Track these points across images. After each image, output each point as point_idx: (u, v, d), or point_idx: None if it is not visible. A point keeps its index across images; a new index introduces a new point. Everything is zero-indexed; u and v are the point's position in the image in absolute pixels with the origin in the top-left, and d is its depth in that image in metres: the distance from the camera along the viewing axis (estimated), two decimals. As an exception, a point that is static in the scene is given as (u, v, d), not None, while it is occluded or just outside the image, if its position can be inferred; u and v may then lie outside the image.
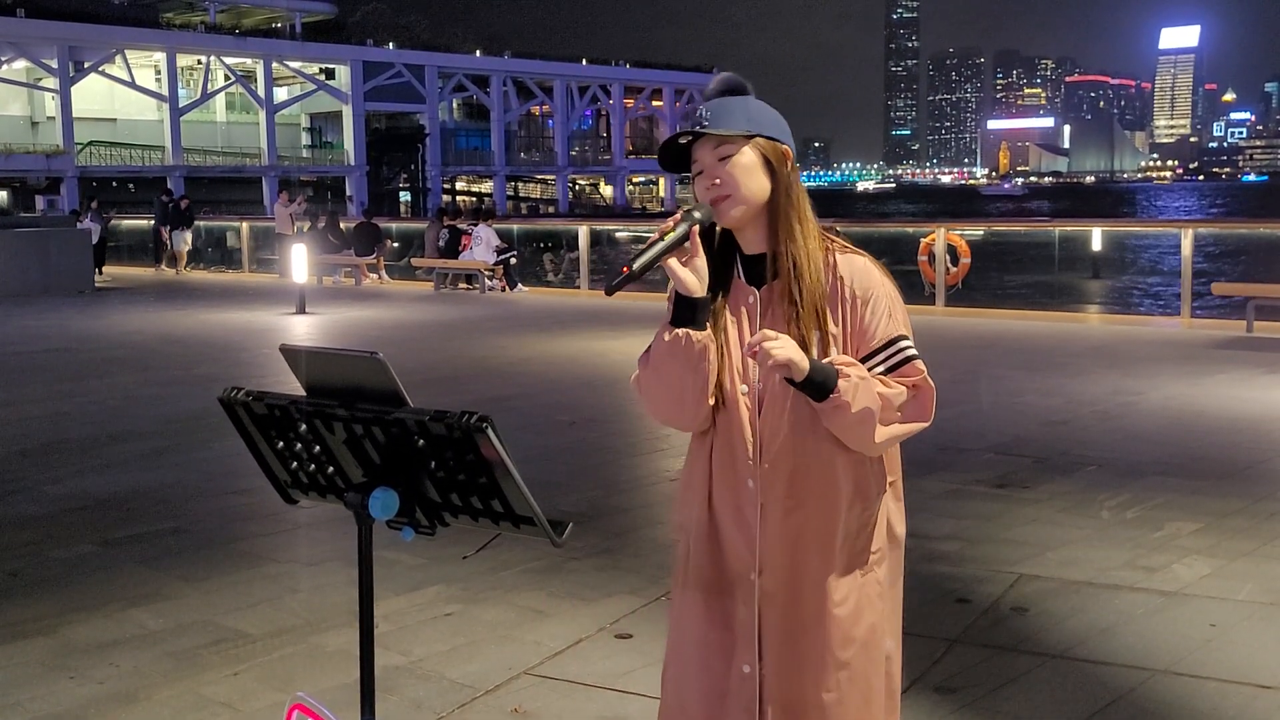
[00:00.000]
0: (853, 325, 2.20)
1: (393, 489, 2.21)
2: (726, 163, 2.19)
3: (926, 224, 20.56)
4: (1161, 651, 4.16)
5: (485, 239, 20.28)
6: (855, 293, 2.20)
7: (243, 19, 70.61)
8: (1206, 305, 16.74)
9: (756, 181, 2.20)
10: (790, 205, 2.22)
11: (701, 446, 2.30)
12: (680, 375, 2.20)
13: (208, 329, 14.89)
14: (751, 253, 2.26)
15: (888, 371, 2.18)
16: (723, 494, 2.27)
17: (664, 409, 2.27)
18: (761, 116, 2.24)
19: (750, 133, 2.20)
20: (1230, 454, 7.19)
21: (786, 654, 2.23)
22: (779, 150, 2.24)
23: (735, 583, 2.26)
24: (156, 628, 4.55)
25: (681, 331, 2.18)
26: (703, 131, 2.20)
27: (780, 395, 2.21)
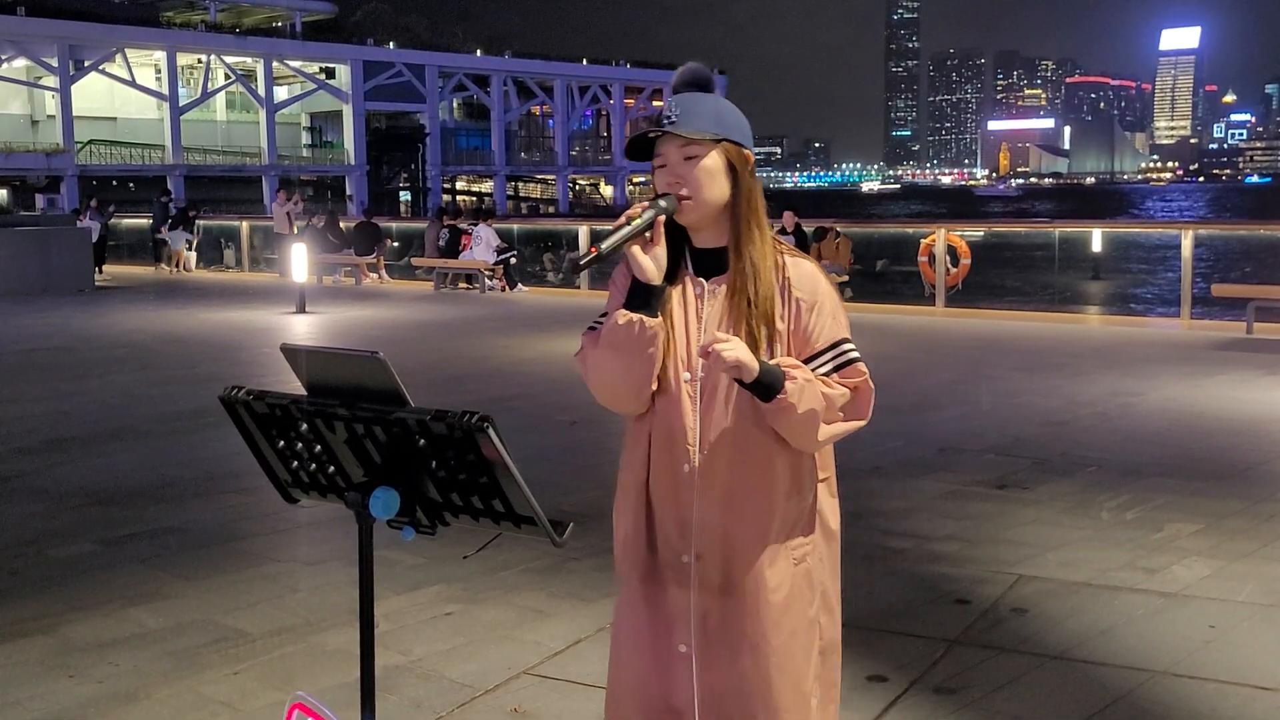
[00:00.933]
0: (796, 326, 2.28)
1: (393, 488, 2.21)
2: (692, 163, 2.26)
3: (926, 225, 20.56)
4: (1161, 653, 4.16)
5: (485, 239, 20.28)
6: (801, 296, 2.28)
7: (243, 18, 70.59)
8: (1206, 306, 16.73)
9: (719, 185, 2.27)
10: (750, 210, 2.29)
11: (640, 430, 2.36)
12: (629, 358, 2.26)
13: (208, 328, 14.89)
14: (701, 247, 2.33)
15: (832, 372, 2.27)
16: (660, 478, 2.33)
17: (608, 390, 2.33)
18: (729, 119, 2.29)
19: (718, 136, 2.26)
20: (1230, 455, 7.19)
21: (719, 638, 2.30)
22: (743, 155, 2.31)
23: (670, 566, 2.33)
24: (156, 627, 4.55)
25: (636, 316, 2.24)
26: (673, 132, 2.25)
27: (722, 387, 2.28)
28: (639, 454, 2.36)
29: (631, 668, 2.37)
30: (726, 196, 2.28)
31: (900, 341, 12.87)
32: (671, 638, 2.32)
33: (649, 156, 2.31)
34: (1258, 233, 20.79)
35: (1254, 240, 21.96)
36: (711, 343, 2.14)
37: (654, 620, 2.34)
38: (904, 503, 6.18)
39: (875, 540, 5.56)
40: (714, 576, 2.29)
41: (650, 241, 2.24)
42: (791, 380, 2.18)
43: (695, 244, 2.33)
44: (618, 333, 2.25)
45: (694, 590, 2.30)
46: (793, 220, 17.25)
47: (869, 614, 4.58)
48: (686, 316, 2.31)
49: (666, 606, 2.33)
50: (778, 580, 2.29)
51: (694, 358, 2.29)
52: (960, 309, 16.42)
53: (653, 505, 2.34)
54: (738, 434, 2.27)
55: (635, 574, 2.37)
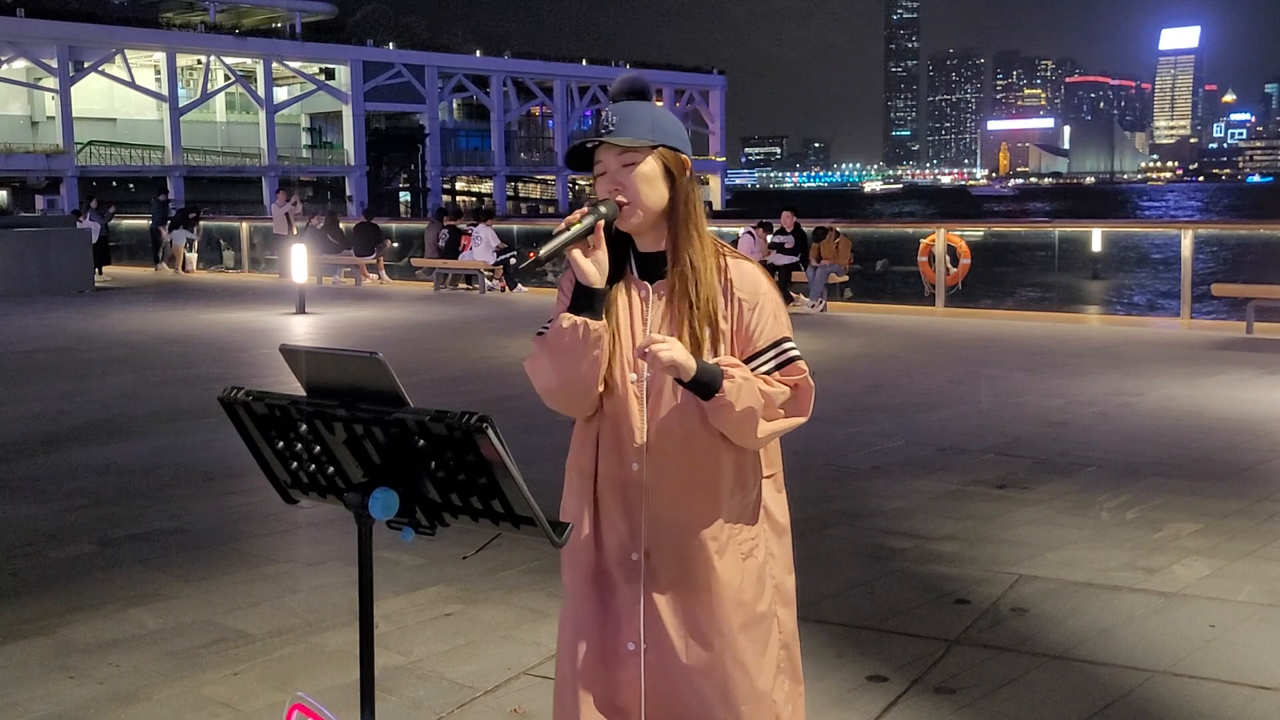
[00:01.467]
0: (739, 326, 2.32)
1: (393, 489, 2.21)
2: (630, 169, 2.30)
3: (926, 225, 20.56)
4: (1161, 652, 4.16)
5: (485, 239, 20.29)
6: (743, 297, 2.33)
7: (243, 19, 70.60)
8: (1206, 306, 16.74)
9: (658, 191, 2.31)
10: (689, 213, 2.34)
11: (588, 432, 2.41)
12: (575, 361, 2.30)
13: (207, 329, 14.89)
14: (645, 250, 2.38)
15: (774, 370, 2.31)
16: (608, 477, 2.37)
17: (555, 393, 2.36)
18: (665, 126, 2.34)
19: (654, 143, 2.31)
20: (1230, 455, 7.19)
21: (669, 634, 2.33)
22: (680, 160, 2.35)
23: (619, 564, 2.36)
24: (156, 627, 4.55)
25: (580, 319, 2.27)
26: (610, 141, 2.30)
27: (667, 387, 2.32)
28: (586, 455, 2.40)
29: (577, 667, 2.39)
30: (665, 201, 2.32)
31: (900, 341, 12.87)
32: (619, 636, 2.35)
33: (590, 165, 2.36)
34: (1258, 232, 20.78)
35: (1254, 240, 21.93)
36: (648, 344, 2.18)
37: (602, 619, 2.38)
38: (904, 503, 6.18)
39: (875, 540, 5.56)
40: (663, 573, 2.33)
41: (591, 246, 2.28)
42: (729, 379, 2.22)
43: (639, 248, 2.38)
44: (562, 336, 2.29)
45: (643, 587, 2.33)
46: (791, 220, 17.26)
47: (869, 614, 4.58)
48: (632, 319, 2.36)
49: (615, 605, 2.36)
50: (727, 575, 2.33)
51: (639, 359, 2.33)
52: (960, 309, 16.43)
53: (600, 505, 2.39)
54: (683, 432, 2.31)
55: (582, 574, 2.40)
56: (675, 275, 2.32)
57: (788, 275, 16.82)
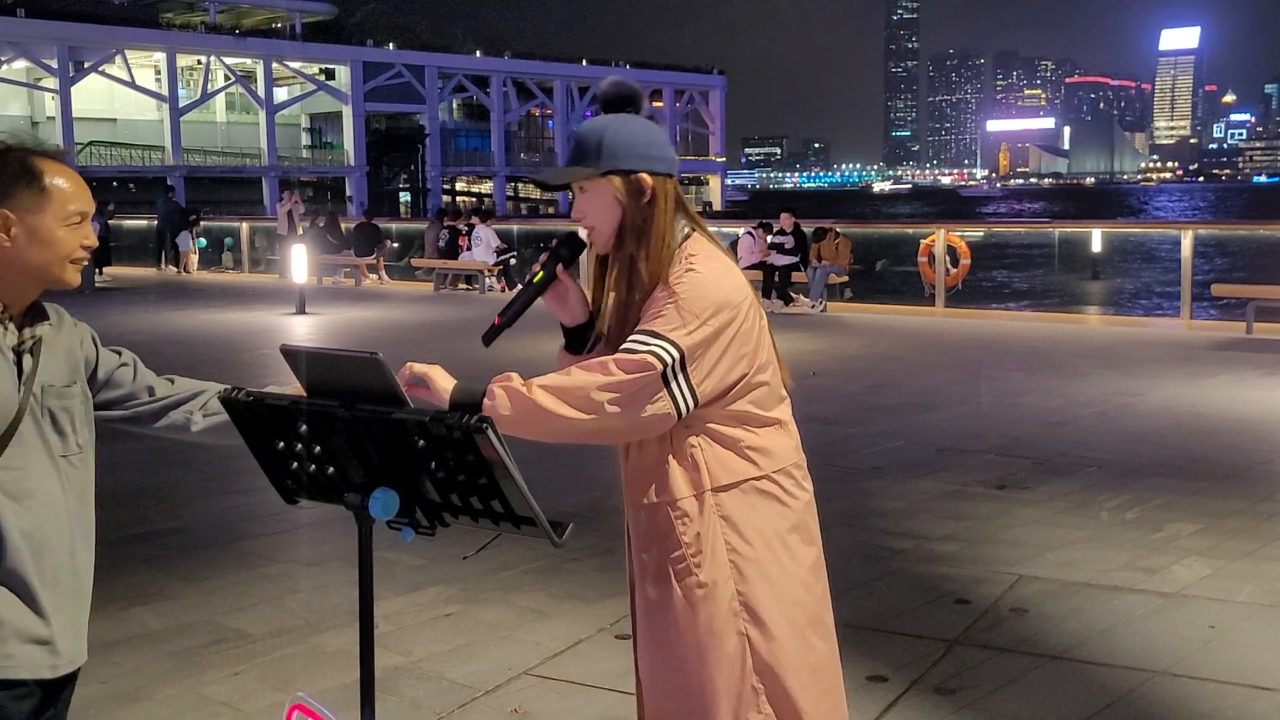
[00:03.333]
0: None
1: (393, 489, 2.21)
2: (585, 197, 2.33)
3: (926, 225, 20.57)
4: (1161, 653, 4.16)
5: (485, 239, 20.29)
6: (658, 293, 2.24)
7: (243, 19, 70.61)
8: (1206, 306, 16.74)
9: (609, 216, 2.32)
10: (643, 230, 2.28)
11: None
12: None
13: (208, 329, 14.89)
14: None
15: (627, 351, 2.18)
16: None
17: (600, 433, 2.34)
18: (615, 147, 2.28)
19: (599, 170, 2.29)
20: (1230, 455, 7.19)
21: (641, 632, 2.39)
22: (630, 183, 2.29)
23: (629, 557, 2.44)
24: (157, 627, 4.55)
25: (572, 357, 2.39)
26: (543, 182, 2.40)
27: None
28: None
29: None
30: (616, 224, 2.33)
31: (900, 341, 12.87)
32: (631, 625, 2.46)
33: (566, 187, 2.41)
34: (1258, 232, 20.79)
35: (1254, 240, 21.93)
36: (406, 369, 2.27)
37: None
38: (904, 503, 6.18)
39: (875, 540, 5.56)
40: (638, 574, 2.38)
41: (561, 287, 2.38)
42: (489, 396, 2.20)
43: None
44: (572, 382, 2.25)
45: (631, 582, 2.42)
46: (790, 221, 17.25)
47: (869, 614, 4.58)
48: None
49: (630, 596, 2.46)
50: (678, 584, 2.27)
51: None
52: (960, 309, 16.43)
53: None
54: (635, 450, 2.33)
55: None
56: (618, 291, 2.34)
57: (788, 275, 16.82)
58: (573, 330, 2.42)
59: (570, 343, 2.42)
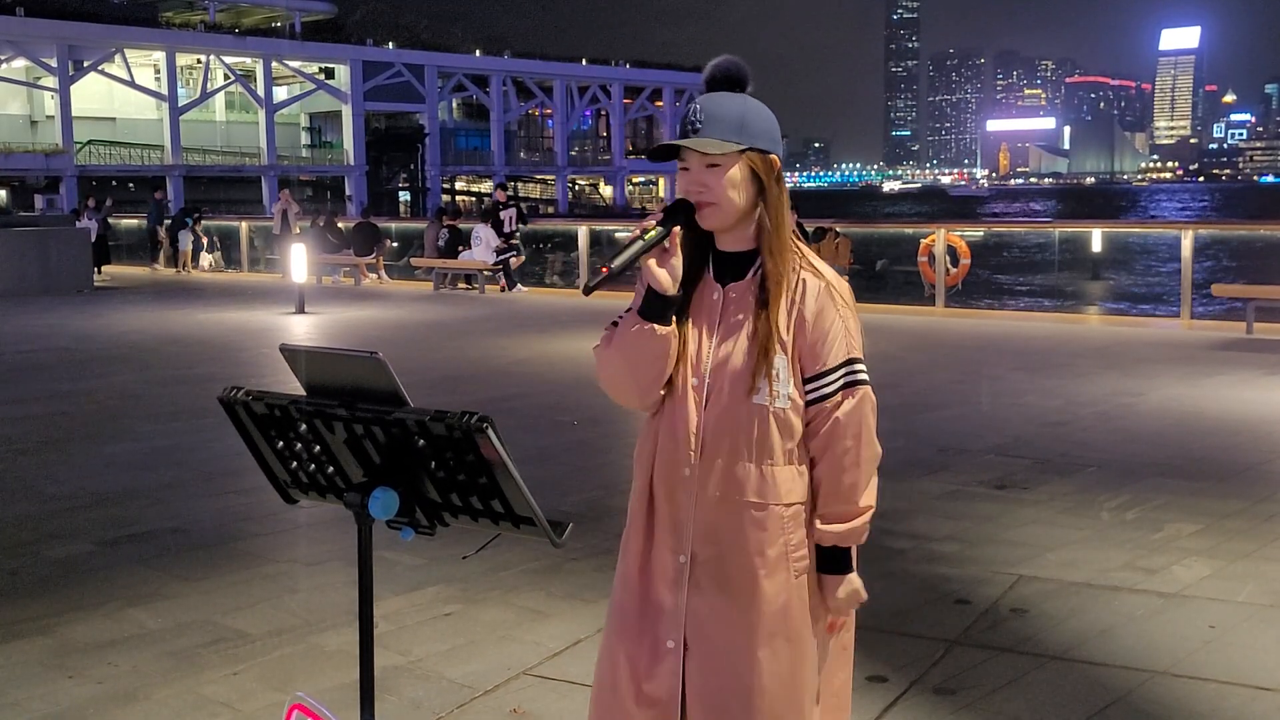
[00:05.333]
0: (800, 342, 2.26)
1: (393, 489, 2.21)
2: (715, 172, 2.22)
3: (926, 225, 20.57)
4: (1161, 653, 4.16)
5: (485, 239, 20.28)
6: (807, 313, 2.26)
7: (242, 18, 70.57)
8: (1206, 306, 16.74)
9: (742, 194, 2.24)
10: (775, 221, 2.27)
11: (651, 428, 2.37)
12: (638, 363, 2.27)
13: (207, 329, 14.89)
14: (724, 250, 2.31)
15: (839, 390, 2.28)
16: (662, 476, 2.33)
17: (619, 389, 2.35)
18: (755, 125, 2.25)
19: (742, 146, 2.23)
20: (1230, 455, 7.19)
21: (710, 639, 2.28)
22: (769, 163, 2.27)
23: (664, 562, 2.32)
24: (155, 627, 4.55)
25: (648, 325, 2.24)
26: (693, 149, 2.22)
27: (728, 395, 2.26)
28: (647, 450, 2.36)
29: (617, 654, 2.37)
30: (749, 204, 2.25)
31: (900, 341, 12.87)
32: (659, 632, 2.31)
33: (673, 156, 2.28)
34: (1258, 232, 20.78)
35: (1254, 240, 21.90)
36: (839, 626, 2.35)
37: (643, 612, 2.34)
38: (904, 503, 6.17)
39: (875, 540, 5.53)
40: (706, 580, 2.28)
41: (667, 252, 2.22)
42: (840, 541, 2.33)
43: (718, 247, 2.31)
44: (628, 339, 2.25)
45: (686, 590, 2.29)
46: (792, 220, 17.24)
47: (869, 614, 4.56)
48: (702, 321, 2.30)
49: (657, 601, 2.32)
50: (775, 589, 2.26)
51: (703, 362, 2.28)
52: (960, 309, 16.43)
53: (655, 501, 2.35)
54: (737, 442, 2.25)
55: (633, 565, 2.37)
56: (759, 284, 2.26)
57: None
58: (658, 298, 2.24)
59: (649, 307, 2.24)
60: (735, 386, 2.24)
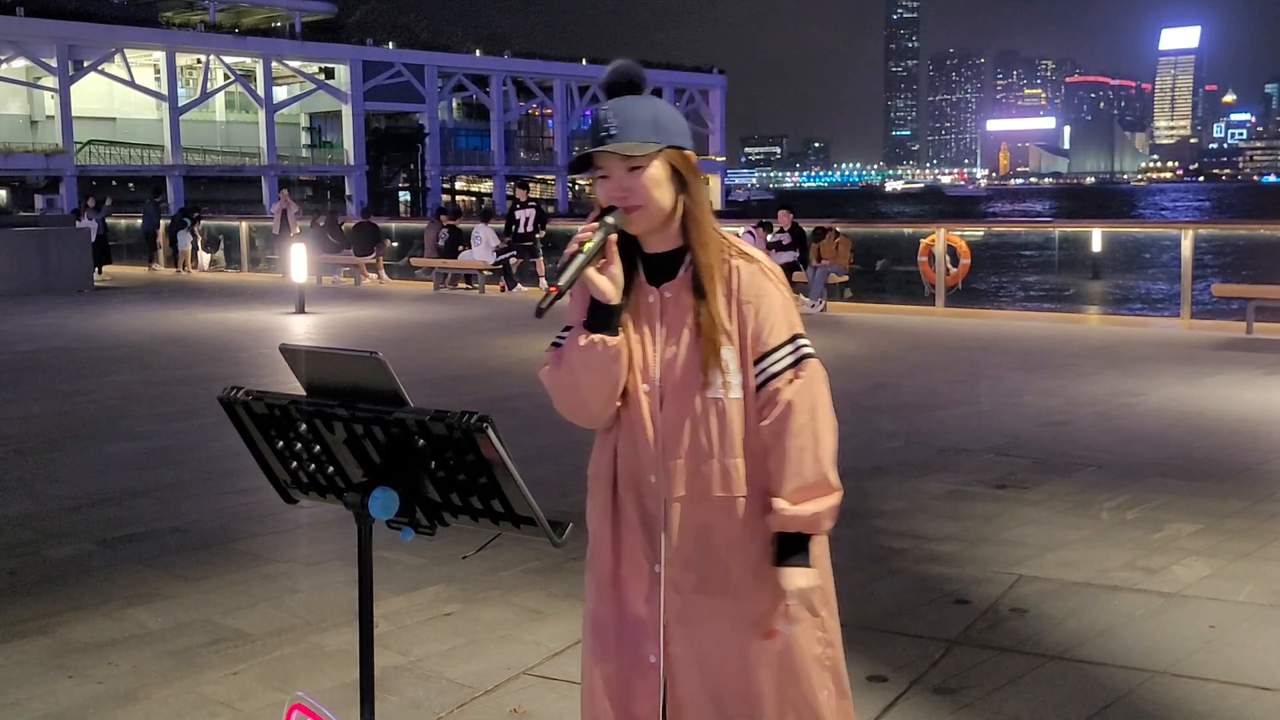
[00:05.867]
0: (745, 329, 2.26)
1: (392, 489, 2.21)
2: (637, 174, 2.22)
3: (926, 224, 20.56)
4: (1161, 653, 4.16)
5: (485, 239, 20.28)
6: (747, 299, 2.26)
7: (242, 18, 70.58)
8: (1206, 306, 16.72)
9: (665, 193, 2.24)
10: (701, 213, 2.27)
11: (606, 442, 2.36)
12: (594, 379, 2.26)
13: (207, 328, 14.89)
14: (652, 252, 2.31)
15: (790, 367, 2.27)
16: (627, 487, 2.32)
17: (577, 408, 2.33)
18: (668, 123, 2.25)
19: (660, 144, 2.23)
20: (1230, 455, 7.19)
21: (690, 647, 2.27)
22: (686, 159, 2.27)
23: (637, 574, 2.30)
24: (155, 627, 4.55)
25: (598, 337, 2.23)
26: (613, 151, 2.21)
27: (682, 394, 2.26)
28: (605, 463, 2.35)
29: (595, 675, 2.36)
30: (673, 202, 2.25)
31: (900, 341, 12.87)
32: (640, 648, 2.29)
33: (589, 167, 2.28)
34: (1258, 232, 20.77)
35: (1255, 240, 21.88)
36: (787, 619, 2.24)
37: (621, 629, 2.32)
38: (904, 503, 6.17)
39: (875, 540, 5.56)
40: (683, 585, 2.27)
41: (606, 261, 2.21)
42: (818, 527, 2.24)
43: (646, 250, 2.30)
44: (580, 354, 2.24)
45: (663, 600, 2.27)
46: (789, 219, 17.25)
47: (869, 614, 4.57)
48: (644, 326, 2.29)
49: (634, 615, 2.30)
50: (754, 585, 2.26)
51: (652, 368, 2.27)
52: (960, 309, 16.42)
53: (620, 514, 2.33)
54: (698, 440, 2.25)
55: (603, 581, 2.35)
56: (691, 278, 2.26)
57: (788, 274, 16.79)
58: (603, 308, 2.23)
59: (594, 319, 2.24)
60: (688, 384, 2.24)
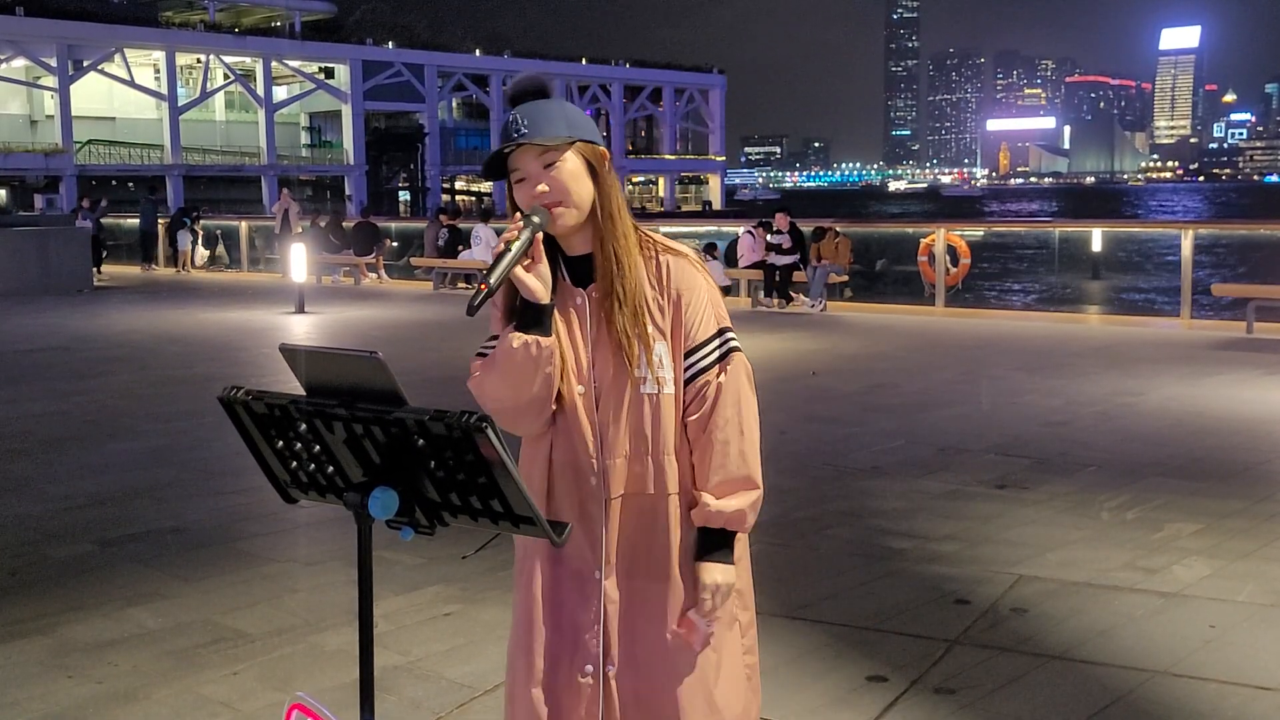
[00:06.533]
0: (678, 321, 2.26)
1: (392, 489, 2.20)
2: (553, 169, 2.22)
3: (926, 224, 20.57)
4: (1161, 653, 4.16)
5: (485, 239, 20.28)
6: (680, 290, 2.26)
7: (242, 18, 70.61)
8: (1206, 306, 16.73)
9: (584, 186, 2.24)
10: (613, 207, 2.27)
11: (538, 449, 2.32)
12: (527, 381, 2.23)
13: (207, 328, 14.89)
14: (574, 254, 2.30)
15: (717, 361, 2.26)
16: (564, 493, 2.29)
17: (508, 413, 2.28)
18: (577, 120, 2.26)
19: (572, 138, 2.23)
20: (1230, 455, 7.19)
21: (627, 652, 2.26)
22: (599, 152, 2.28)
23: (578, 582, 2.28)
24: (155, 627, 4.55)
25: (530, 338, 2.21)
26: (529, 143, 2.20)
27: (616, 394, 2.25)
28: (538, 473, 2.32)
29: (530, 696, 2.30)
30: (592, 197, 2.25)
31: (900, 341, 12.87)
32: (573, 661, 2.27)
33: (504, 174, 2.27)
34: (1258, 232, 20.78)
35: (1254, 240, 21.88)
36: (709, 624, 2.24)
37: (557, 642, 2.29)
38: (904, 503, 6.17)
39: (875, 540, 5.56)
40: (623, 588, 2.27)
41: (533, 260, 2.20)
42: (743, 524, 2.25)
43: (567, 252, 2.29)
44: (514, 356, 2.22)
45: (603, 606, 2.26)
46: (786, 221, 17.25)
47: (869, 614, 4.57)
48: (571, 328, 2.28)
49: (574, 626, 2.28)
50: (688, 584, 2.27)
51: (584, 368, 2.26)
52: (960, 309, 16.43)
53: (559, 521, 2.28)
54: (635, 438, 2.25)
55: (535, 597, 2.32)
56: (602, 273, 2.25)
57: (788, 275, 16.81)
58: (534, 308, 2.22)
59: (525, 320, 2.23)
60: (621, 383, 2.24)
